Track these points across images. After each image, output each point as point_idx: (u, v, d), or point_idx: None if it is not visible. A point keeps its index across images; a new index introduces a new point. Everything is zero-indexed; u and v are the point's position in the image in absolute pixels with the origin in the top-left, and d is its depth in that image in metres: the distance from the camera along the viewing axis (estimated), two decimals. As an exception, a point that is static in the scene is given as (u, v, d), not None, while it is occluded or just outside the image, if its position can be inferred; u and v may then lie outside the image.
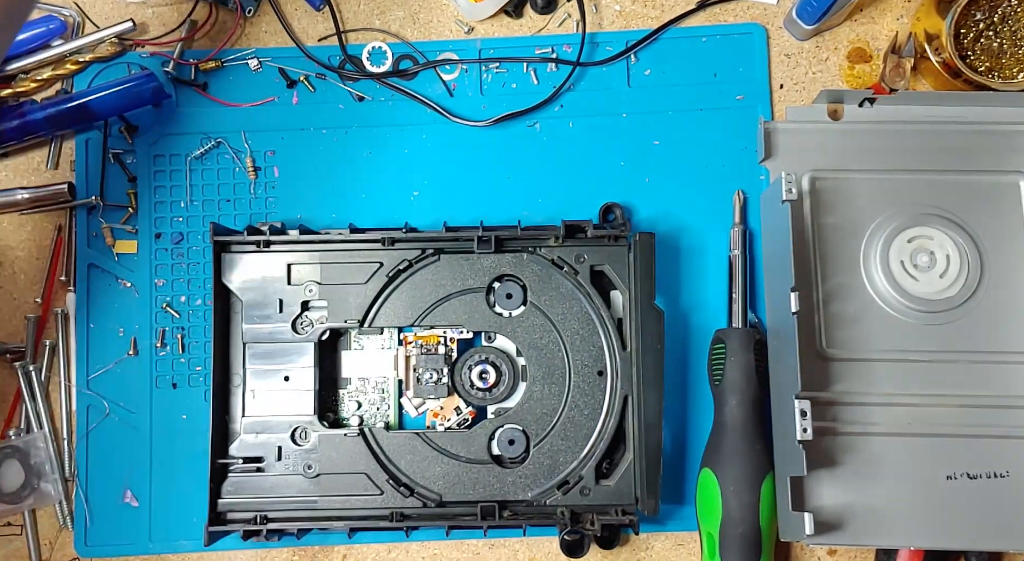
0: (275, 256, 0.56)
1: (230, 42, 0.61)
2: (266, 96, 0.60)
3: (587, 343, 0.55)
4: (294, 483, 0.55)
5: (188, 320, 0.59)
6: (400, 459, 0.55)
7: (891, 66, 0.59)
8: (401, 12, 0.62)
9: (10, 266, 0.61)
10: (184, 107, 0.61)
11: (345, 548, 0.58)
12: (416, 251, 0.56)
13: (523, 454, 0.55)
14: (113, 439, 0.58)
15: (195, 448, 0.57)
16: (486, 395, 0.57)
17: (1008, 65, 0.58)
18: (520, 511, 0.55)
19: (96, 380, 0.59)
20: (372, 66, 0.61)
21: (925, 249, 0.56)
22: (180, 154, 0.60)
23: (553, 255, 0.56)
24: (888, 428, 0.54)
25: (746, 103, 0.60)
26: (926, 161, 0.58)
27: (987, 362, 0.55)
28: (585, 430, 0.55)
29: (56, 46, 0.60)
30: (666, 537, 0.58)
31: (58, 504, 0.58)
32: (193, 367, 0.59)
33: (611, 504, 0.54)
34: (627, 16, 0.62)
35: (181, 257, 0.60)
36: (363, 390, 0.58)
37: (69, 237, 0.60)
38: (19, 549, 0.59)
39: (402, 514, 0.54)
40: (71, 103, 0.59)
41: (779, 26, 0.62)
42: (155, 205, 0.60)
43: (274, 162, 0.60)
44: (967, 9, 0.57)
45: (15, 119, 0.59)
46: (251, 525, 0.54)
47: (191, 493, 0.57)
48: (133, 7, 0.62)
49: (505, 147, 0.60)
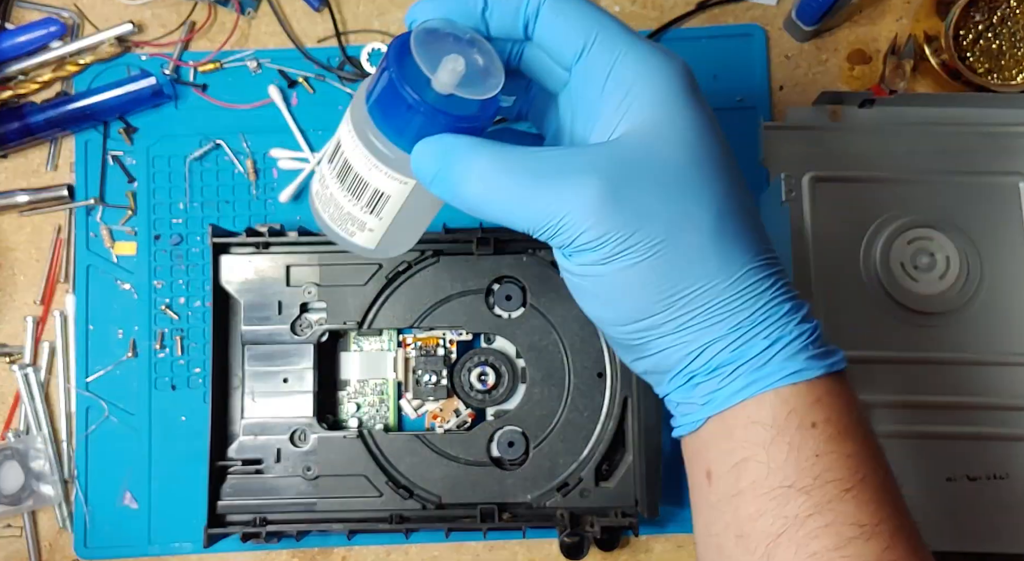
0: (274, 258, 0.56)
1: (229, 43, 0.61)
2: (265, 97, 0.60)
3: (587, 345, 0.55)
4: (293, 485, 0.55)
5: (187, 322, 0.59)
6: (399, 461, 0.55)
7: (891, 67, 0.59)
8: (400, 13, 0.61)
9: (9, 267, 0.61)
10: (183, 108, 0.61)
11: (344, 550, 0.58)
12: (415, 252, 0.56)
13: (523, 456, 0.55)
14: (112, 441, 0.58)
15: (194, 450, 0.57)
16: (485, 397, 0.57)
17: (1007, 66, 0.58)
18: (520, 513, 0.55)
19: (95, 382, 0.59)
20: (371, 67, 0.61)
21: (925, 250, 0.56)
22: (179, 155, 0.60)
23: (553, 256, 0.56)
24: (888, 430, 0.54)
25: (746, 104, 0.60)
26: (926, 163, 0.58)
27: (987, 364, 0.55)
28: (585, 432, 0.55)
29: (56, 48, 0.60)
30: (666, 539, 0.58)
31: (57, 506, 0.58)
32: (192, 369, 0.59)
33: (611, 506, 0.54)
34: (627, 17, 0.62)
35: (180, 258, 0.60)
36: (362, 392, 0.58)
37: (68, 238, 0.60)
38: (19, 551, 0.58)
39: (401, 516, 0.54)
40: (71, 104, 0.59)
41: (779, 27, 0.62)
42: (154, 206, 0.60)
43: (273, 163, 0.60)
44: (966, 11, 0.57)
45: (15, 121, 0.59)
46: (250, 527, 0.54)
47: (190, 495, 0.57)
48: (133, 8, 0.62)
49: (504, 148, 0.60)
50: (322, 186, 0.37)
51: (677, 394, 0.34)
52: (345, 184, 0.35)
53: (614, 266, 0.32)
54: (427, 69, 0.31)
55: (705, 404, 0.33)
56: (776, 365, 0.32)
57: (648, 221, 0.31)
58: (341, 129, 0.35)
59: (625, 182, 0.31)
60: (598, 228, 0.31)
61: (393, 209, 0.36)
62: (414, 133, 0.33)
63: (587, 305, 0.34)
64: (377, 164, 0.34)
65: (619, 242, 0.31)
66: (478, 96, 0.32)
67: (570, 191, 0.31)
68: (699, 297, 0.32)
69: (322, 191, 0.37)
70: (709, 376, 0.33)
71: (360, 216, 0.36)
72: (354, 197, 0.35)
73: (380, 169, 0.34)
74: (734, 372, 0.32)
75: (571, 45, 0.33)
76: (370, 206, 0.36)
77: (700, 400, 0.33)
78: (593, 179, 0.31)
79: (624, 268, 0.32)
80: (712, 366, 0.32)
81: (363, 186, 0.35)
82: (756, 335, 0.32)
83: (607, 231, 0.31)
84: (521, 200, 0.32)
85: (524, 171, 0.32)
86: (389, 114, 0.33)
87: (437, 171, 0.33)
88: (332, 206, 0.37)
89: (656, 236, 0.31)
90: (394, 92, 0.32)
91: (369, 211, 0.36)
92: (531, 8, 0.33)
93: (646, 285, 0.32)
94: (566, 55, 0.34)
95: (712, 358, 0.32)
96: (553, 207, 0.31)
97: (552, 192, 0.31)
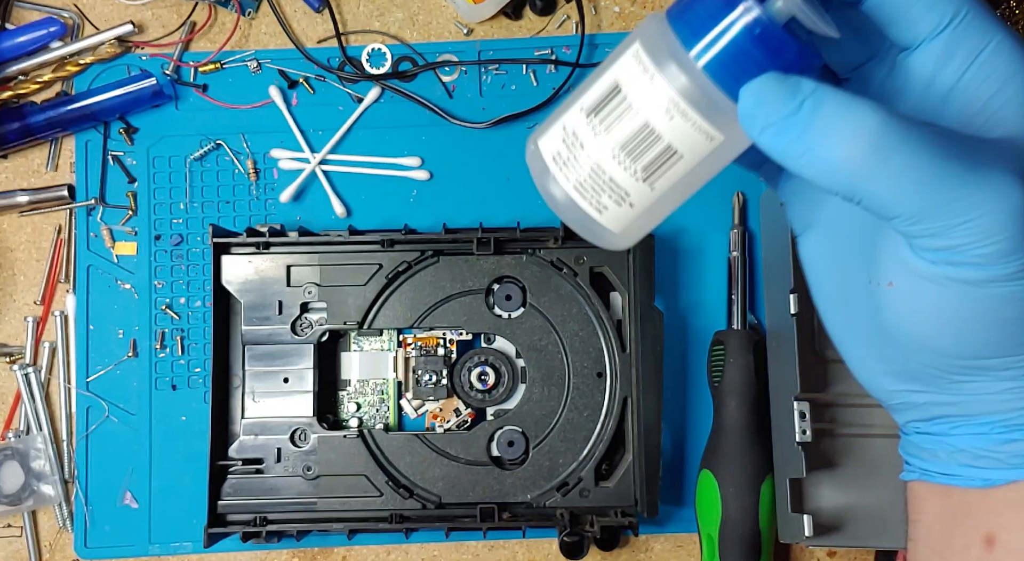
0: (275, 258, 0.56)
1: (230, 44, 0.61)
2: (266, 98, 0.60)
3: (586, 345, 0.55)
4: (294, 485, 0.55)
5: (188, 322, 0.59)
6: (399, 461, 0.55)
7: (890, 68, 0.59)
8: (400, 14, 0.62)
9: (9, 268, 0.61)
10: (184, 109, 0.61)
11: (344, 549, 0.58)
12: (415, 253, 0.56)
13: (522, 456, 0.55)
14: (113, 441, 0.58)
15: (194, 450, 0.57)
16: (485, 397, 0.57)
17: (1007, 67, 0.58)
18: (519, 513, 0.55)
19: (96, 382, 0.59)
20: (371, 68, 0.61)
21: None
22: (180, 155, 0.60)
23: (552, 256, 0.56)
24: (888, 429, 0.54)
25: (745, 105, 0.60)
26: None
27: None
28: (584, 432, 0.55)
29: (56, 48, 0.60)
30: (665, 539, 0.58)
31: (58, 506, 0.58)
32: (193, 369, 0.59)
33: (610, 506, 0.54)
34: (626, 17, 0.62)
35: (181, 259, 0.60)
36: (362, 392, 0.58)
37: (69, 239, 0.60)
38: (19, 551, 0.59)
39: (401, 516, 0.54)
40: (71, 105, 0.59)
41: (778, 28, 0.62)
42: (155, 207, 0.60)
43: (274, 163, 0.60)
44: (966, 11, 0.57)
45: (15, 121, 0.59)
46: (250, 527, 0.54)
47: (191, 495, 0.57)
48: (133, 9, 0.62)
49: (505, 149, 0.60)
50: (570, 146, 0.29)
51: (967, 441, 0.29)
52: (620, 138, 0.28)
53: (1004, 290, 0.26)
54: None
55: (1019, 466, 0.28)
56: None
57: None
58: (619, 68, 0.28)
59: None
60: (1010, 241, 0.25)
61: (675, 176, 0.28)
62: (745, 67, 0.26)
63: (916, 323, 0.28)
64: (686, 109, 0.27)
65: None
66: (823, 31, 0.26)
67: (992, 188, 0.25)
68: None
69: (568, 152, 0.29)
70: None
71: (626, 184, 0.29)
72: (629, 157, 0.28)
73: (688, 116, 0.27)
74: None
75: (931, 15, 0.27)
76: (649, 170, 0.28)
77: (1008, 457, 0.28)
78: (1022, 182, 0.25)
79: (1015, 295, 0.26)
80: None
81: (649, 141, 0.28)
82: None
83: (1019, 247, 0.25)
84: (914, 181, 0.25)
85: (926, 144, 0.25)
86: (710, 41, 0.26)
87: (788, 115, 0.25)
88: (585, 171, 0.29)
89: None
90: (723, 9, 0.26)
91: (644, 178, 0.28)
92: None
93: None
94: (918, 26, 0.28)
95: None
96: (960, 201, 0.25)
97: (966, 182, 0.25)
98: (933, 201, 0.25)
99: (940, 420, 0.29)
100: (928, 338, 0.28)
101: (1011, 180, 0.25)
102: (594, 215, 0.29)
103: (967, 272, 0.26)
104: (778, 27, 0.25)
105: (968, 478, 0.29)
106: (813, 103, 0.25)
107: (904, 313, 0.28)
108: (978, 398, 0.28)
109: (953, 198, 0.25)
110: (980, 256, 0.25)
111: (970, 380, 0.28)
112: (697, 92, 0.26)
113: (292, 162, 0.60)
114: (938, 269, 0.26)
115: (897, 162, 0.25)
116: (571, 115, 0.29)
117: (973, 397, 0.28)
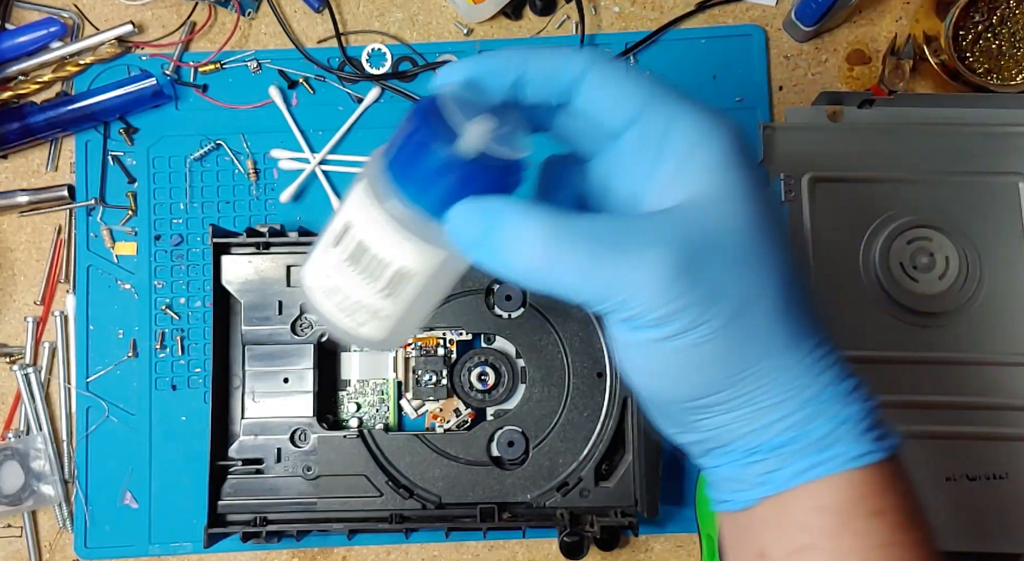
0: (275, 258, 0.56)
1: (230, 44, 0.61)
2: (266, 98, 0.61)
3: (586, 345, 0.55)
4: (294, 485, 0.55)
5: (188, 322, 0.59)
6: (399, 461, 0.55)
7: (890, 68, 0.59)
8: (400, 14, 0.62)
9: (10, 268, 0.61)
10: (184, 109, 0.61)
11: (344, 549, 0.58)
12: (415, 253, 0.56)
13: (522, 456, 0.55)
14: (113, 441, 0.58)
15: (195, 450, 0.57)
16: (485, 397, 0.57)
17: (1007, 67, 0.58)
18: (519, 513, 0.55)
19: (96, 382, 0.59)
20: (371, 68, 0.61)
21: (925, 250, 0.56)
22: (180, 156, 0.60)
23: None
24: (887, 430, 0.54)
25: (745, 105, 0.60)
26: (925, 163, 0.58)
27: (987, 364, 0.55)
28: (584, 432, 0.55)
29: (56, 48, 0.60)
30: (665, 539, 0.58)
31: (58, 506, 0.58)
32: (193, 369, 0.59)
33: (610, 506, 0.54)
34: (626, 18, 0.62)
35: (181, 259, 0.60)
36: (362, 392, 0.58)
37: (69, 239, 0.60)
38: (19, 551, 0.59)
39: (401, 516, 0.54)
40: (71, 105, 0.59)
41: (778, 28, 0.62)
42: (155, 207, 0.60)
43: (273, 163, 0.60)
44: (966, 11, 0.57)
45: (15, 121, 0.59)
46: (250, 527, 0.54)
47: (191, 495, 0.57)
48: (133, 9, 0.62)
49: (504, 149, 0.60)
50: (323, 276, 0.33)
51: (727, 470, 0.32)
52: (359, 266, 0.32)
53: (680, 342, 0.29)
54: (458, 126, 0.29)
55: (762, 483, 0.31)
56: (844, 446, 0.30)
57: (721, 296, 0.29)
58: (349, 209, 0.32)
59: (696, 255, 0.29)
60: (669, 305, 0.28)
61: (415, 290, 0.33)
62: (446, 196, 0.30)
63: (640, 380, 0.31)
64: (405, 237, 0.31)
65: (690, 319, 0.28)
66: (510, 156, 0.30)
67: (638, 264, 0.28)
68: (767, 374, 0.30)
69: (324, 282, 0.33)
70: (769, 455, 0.30)
71: (374, 302, 0.33)
72: (370, 280, 0.32)
73: (407, 242, 0.31)
74: (797, 452, 0.30)
75: (621, 112, 0.31)
76: (389, 288, 0.32)
77: (756, 479, 0.31)
78: (663, 252, 0.28)
79: (690, 345, 0.29)
80: (773, 445, 0.30)
81: (383, 265, 0.32)
82: (822, 414, 0.30)
83: (678, 308, 0.28)
84: (580, 272, 0.29)
85: (583, 239, 0.29)
86: (417, 176, 0.30)
87: (480, 236, 0.29)
88: (339, 295, 0.33)
89: (727, 312, 0.29)
90: (424, 151, 0.30)
91: (387, 294, 0.32)
92: (573, 76, 0.31)
93: (714, 362, 0.29)
94: (614, 121, 0.31)
95: (774, 437, 0.30)
96: (618, 281, 0.28)
97: (617, 265, 0.28)
98: (599, 285, 0.29)
99: (711, 453, 0.32)
100: (652, 389, 0.32)
101: (657, 254, 0.28)
102: (356, 329, 0.34)
103: (651, 333, 0.29)
104: (468, 161, 0.29)
105: (735, 502, 0.32)
106: (498, 223, 0.29)
107: (629, 371, 0.32)
108: (717, 432, 0.31)
109: (613, 279, 0.28)
110: (654, 320, 0.29)
111: (703, 417, 0.31)
112: (413, 221, 0.30)
113: (292, 162, 0.60)
114: (632, 335, 0.30)
115: (566, 261, 0.29)
116: (320, 251, 0.33)
117: (714, 431, 0.31)
